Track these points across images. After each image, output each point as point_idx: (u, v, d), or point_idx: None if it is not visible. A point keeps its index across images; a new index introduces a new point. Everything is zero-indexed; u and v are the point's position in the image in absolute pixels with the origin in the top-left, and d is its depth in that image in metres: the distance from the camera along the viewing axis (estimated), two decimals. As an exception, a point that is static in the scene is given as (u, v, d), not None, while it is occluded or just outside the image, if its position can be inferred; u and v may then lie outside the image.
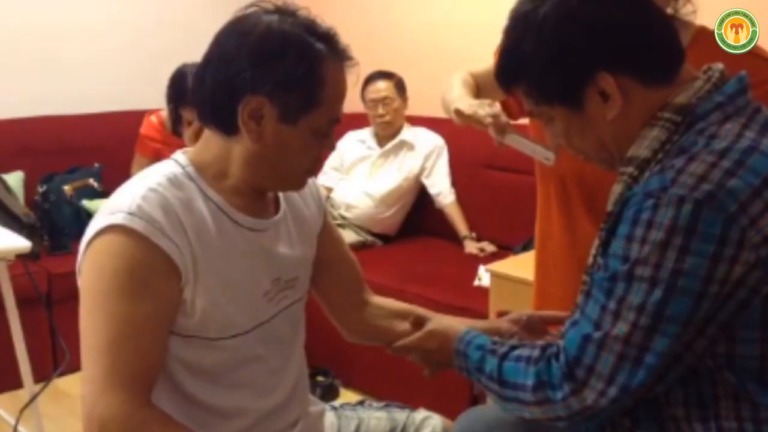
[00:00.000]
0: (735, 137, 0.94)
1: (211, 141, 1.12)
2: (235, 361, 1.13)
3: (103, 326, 1.01)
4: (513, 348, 1.06)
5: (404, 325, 1.35)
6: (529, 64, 1.03)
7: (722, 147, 0.93)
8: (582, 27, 0.99)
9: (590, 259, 1.08)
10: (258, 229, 1.15)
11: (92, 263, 1.03)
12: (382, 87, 3.17)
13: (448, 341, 1.16)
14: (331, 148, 1.14)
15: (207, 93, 1.07)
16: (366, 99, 3.20)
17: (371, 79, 3.19)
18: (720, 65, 1.03)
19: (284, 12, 1.08)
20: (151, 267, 1.02)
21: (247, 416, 1.16)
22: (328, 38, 1.08)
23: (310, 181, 1.27)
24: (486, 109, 1.49)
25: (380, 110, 3.17)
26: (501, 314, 1.36)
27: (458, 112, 1.55)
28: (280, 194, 1.22)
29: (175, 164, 1.12)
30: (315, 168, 1.16)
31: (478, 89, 1.67)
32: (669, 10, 1.33)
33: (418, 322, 1.27)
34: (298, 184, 1.18)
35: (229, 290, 1.10)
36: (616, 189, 1.03)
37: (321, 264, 1.31)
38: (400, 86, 3.19)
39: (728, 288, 0.90)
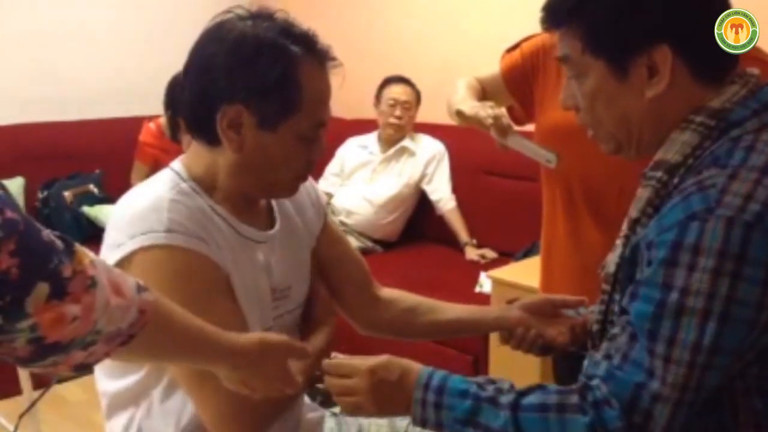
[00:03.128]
0: None
1: (199, 153, 1.11)
2: None
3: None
4: (519, 394, 0.94)
5: (420, 319, 1.36)
6: (598, 6, 0.94)
7: (762, 162, 0.87)
8: None
9: (612, 267, 1.01)
10: (256, 240, 1.14)
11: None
12: (406, 91, 3.18)
13: (409, 381, 0.98)
14: (322, 153, 1.11)
15: (187, 104, 1.07)
16: (385, 97, 3.19)
17: (395, 80, 3.20)
18: (755, 70, 0.98)
19: (259, 16, 1.05)
20: (204, 279, 1.03)
21: None
22: (305, 40, 1.05)
23: (309, 184, 1.27)
24: (488, 110, 1.48)
25: (398, 112, 3.17)
26: (510, 302, 1.36)
27: (460, 113, 1.55)
28: (274, 204, 1.21)
29: (177, 177, 1.10)
30: (305, 174, 1.14)
31: (484, 94, 1.67)
32: None
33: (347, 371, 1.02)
34: (289, 191, 1.16)
35: (248, 296, 1.10)
36: (643, 194, 0.97)
37: (326, 263, 1.31)
38: (418, 97, 3.21)
39: None
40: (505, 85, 1.66)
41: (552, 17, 1.00)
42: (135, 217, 1.04)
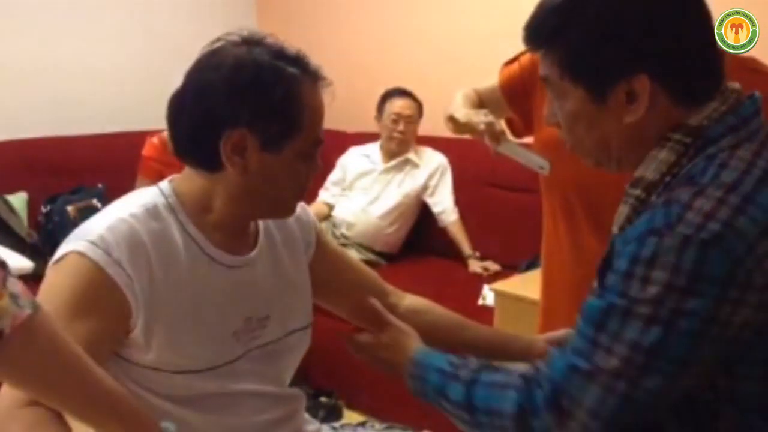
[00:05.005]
0: (746, 167, 0.89)
1: (193, 177, 1.12)
2: (204, 393, 1.12)
3: None
4: (479, 372, 1.02)
5: (441, 334, 1.34)
6: (578, 33, 0.94)
7: (731, 180, 0.88)
8: (647, 20, 0.92)
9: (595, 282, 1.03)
10: (234, 266, 1.14)
11: (47, 281, 1.05)
12: (409, 105, 3.17)
13: (399, 359, 1.15)
14: (317, 170, 1.13)
15: (186, 133, 1.08)
16: (388, 111, 3.18)
17: (397, 94, 3.19)
18: (736, 84, 0.98)
19: (251, 42, 1.08)
20: (96, 293, 1.02)
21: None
22: (299, 61, 1.08)
23: (300, 210, 1.26)
24: (481, 116, 1.49)
25: (401, 126, 3.16)
26: None
27: (453, 120, 1.55)
28: (260, 230, 1.20)
29: (159, 194, 1.12)
30: (303, 193, 1.15)
31: (481, 105, 1.67)
32: None
33: (378, 323, 1.24)
34: (288, 210, 1.17)
35: (196, 327, 1.09)
36: (623, 210, 0.99)
37: (328, 285, 1.30)
38: (420, 109, 3.21)
39: (732, 330, 0.86)
40: (504, 98, 1.67)
41: (530, 40, 1.01)
42: (86, 224, 1.08)
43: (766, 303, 0.86)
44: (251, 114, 1.03)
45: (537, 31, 0.99)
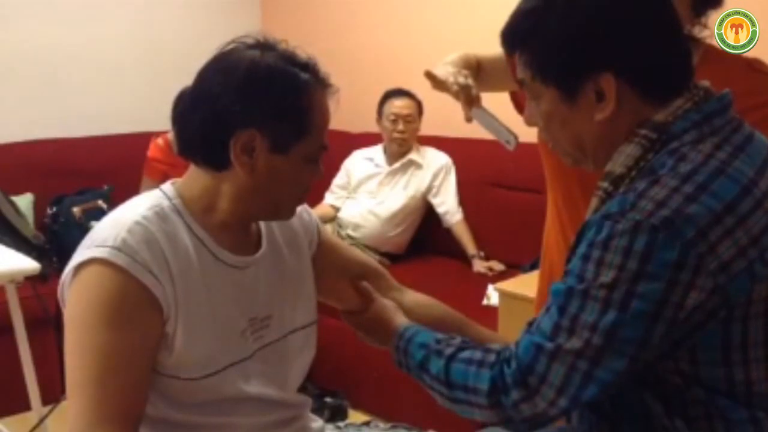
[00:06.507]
0: (704, 158, 0.93)
1: (198, 176, 1.13)
2: (219, 398, 1.13)
3: (89, 359, 1.01)
4: (460, 349, 1.06)
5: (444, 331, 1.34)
6: (545, 35, 0.99)
7: (687, 170, 0.92)
8: (610, 22, 0.96)
9: None
10: (239, 267, 1.15)
11: (77, 295, 1.04)
12: (407, 104, 3.17)
13: (388, 333, 1.19)
14: (320, 176, 1.15)
15: (196, 131, 1.09)
16: (387, 112, 3.19)
17: (395, 94, 3.20)
18: (706, 82, 1.02)
19: (265, 46, 1.10)
20: (134, 301, 1.03)
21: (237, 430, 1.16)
22: (310, 68, 1.10)
23: (303, 209, 1.28)
24: (459, 78, 1.42)
25: (401, 126, 3.17)
26: None
27: (430, 76, 1.47)
28: (263, 231, 1.22)
29: (162, 196, 1.13)
30: (305, 197, 1.17)
31: (482, 72, 1.61)
32: None
33: (365, 296, 1.29)
34: (290, 213, 1.18)
35: (208, 326, 1.10)
36: (593, 202, 1.03)
37: (332, 281, 1.31)
38: (420, 108, 3.21)
39: (685, 313, 0.89)
40: (510, 69, 1.63)
41: (506, 44, 1.07)
42: (98, 230, 1.08)
43: (720, 287, 0.89)
44: (262, 116, 1.05)
45: (511, 35, 1.05)
